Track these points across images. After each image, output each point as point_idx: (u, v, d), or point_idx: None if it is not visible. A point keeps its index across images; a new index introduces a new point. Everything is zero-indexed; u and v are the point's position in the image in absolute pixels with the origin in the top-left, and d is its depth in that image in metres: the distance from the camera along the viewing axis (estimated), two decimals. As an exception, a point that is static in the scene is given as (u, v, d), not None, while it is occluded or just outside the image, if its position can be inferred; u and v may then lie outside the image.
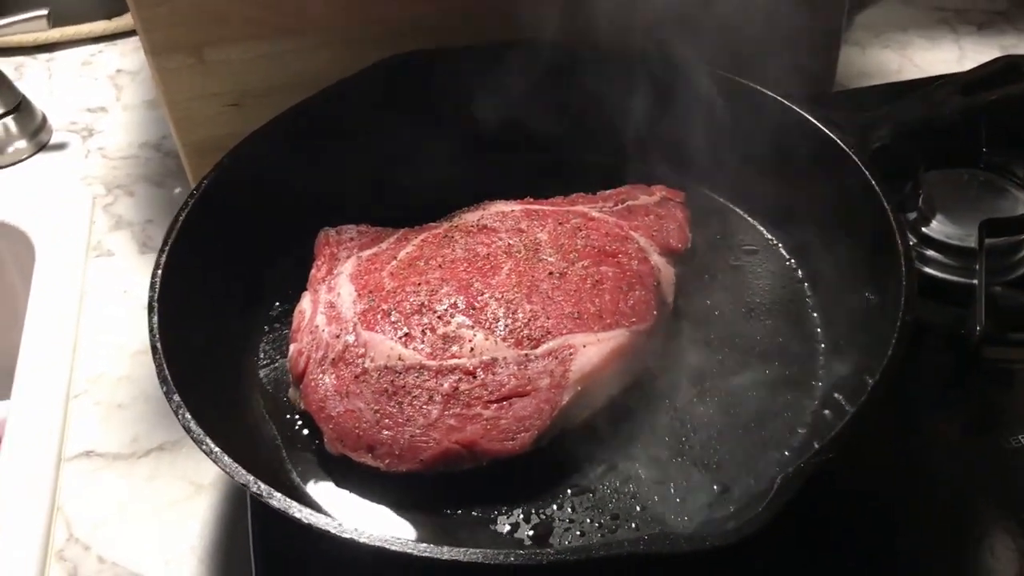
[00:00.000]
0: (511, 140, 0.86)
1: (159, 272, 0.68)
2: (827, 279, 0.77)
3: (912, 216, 0.84)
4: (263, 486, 0.55)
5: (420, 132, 0.85)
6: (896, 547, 0.66)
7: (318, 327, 0.70)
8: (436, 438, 0.63)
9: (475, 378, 0.65)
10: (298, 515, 0.53)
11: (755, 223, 0.85)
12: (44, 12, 1.02)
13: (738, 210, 0.86)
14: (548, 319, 0.68)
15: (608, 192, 0.83)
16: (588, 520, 0.63)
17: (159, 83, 0.84)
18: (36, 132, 1.09)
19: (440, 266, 0.73)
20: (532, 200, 0.82)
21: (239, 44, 0.83)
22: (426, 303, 0.70)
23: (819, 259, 0.78)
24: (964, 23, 1.22)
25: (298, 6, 0.83)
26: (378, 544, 0.52)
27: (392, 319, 0.69)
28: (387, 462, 0.63)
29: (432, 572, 0.55)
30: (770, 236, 0.83)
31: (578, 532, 0.62)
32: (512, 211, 0.79)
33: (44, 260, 0.93)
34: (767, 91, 0.81)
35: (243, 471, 0.56)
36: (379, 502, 0.64)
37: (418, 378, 0.66)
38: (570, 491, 0.64)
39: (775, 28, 0.83)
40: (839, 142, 0.76)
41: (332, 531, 0.52)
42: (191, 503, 0.72)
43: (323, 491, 0.66)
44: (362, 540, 0.51)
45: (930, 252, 0.83)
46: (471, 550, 0.51)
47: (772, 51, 0.81)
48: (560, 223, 0.77)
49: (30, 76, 1.21)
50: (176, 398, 0.59)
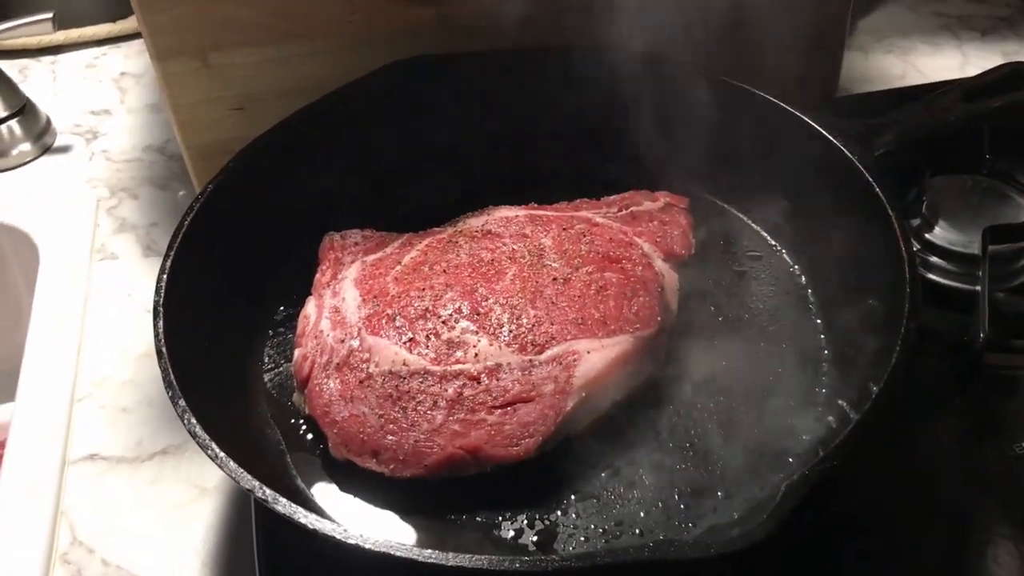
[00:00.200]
0: (515, 145, 0.87)
1: (164, 276, 0.68)
2: (831, 285, 0.77)
3: (916, 222, 0.84)
4: (268, 491, 0.55)
5: (425, 137, 0.85)
6: (899, 554, 0.66)
7: (323, 332, 0.70)
8: (440, 443, 0.63)
9: (479, 383, 0.65)
10: (303, 520, 0.53)
11: (759, 229, 0.85)
12: (49, 15, 1.02)
13: (742, 216, 0.86)
14: (552, 325, 0.68)
15: (612, 198, 0.83)
16: (592, 526, 0.63)
17: (164, 87, 0.84)
18: (40, 135, 1.09)
19: (444, 271, 0.73)
20: (536, 205, 0.82)
21: (244, 48, 0.83)
22: (430, 308, 0.70)
23: (823, 265, 0.78)
24: (967, 29, 1.22)
25: (303, 11, 0.83)
26: (383, 550, 0.52)
27: (397, 324, 0.69)
28: (391, 467, 0.63)
29: (436, 578, 0.55)
30: (774, 242, 0.83)
31: (582, 538, 0.62)
32: (516, 216, 0.79)
33: (48, 263, 0.93)
34: (770, 97, 0.81)
35: (248, 476, 0.56)
36: (383, 507, 0.64)
37: (422, 383, 0.66)
38: (574, 497, 0.64)
39: (779, 34, 0.84)
40: (843, 148, 0.76)
41: (337, 536, 0.52)
42: (195, 506, 0.72)
43: (327, 496, 0.66)
44: (367, 546, 0.52)
45: (933, 258, 0.83)
46: (476, 556, 0.51)
47: (776, 57, 0.81)
48: (564, 229, 0.77)
49: (34, 79, 1.21)
50: (181, 403, 0.60)
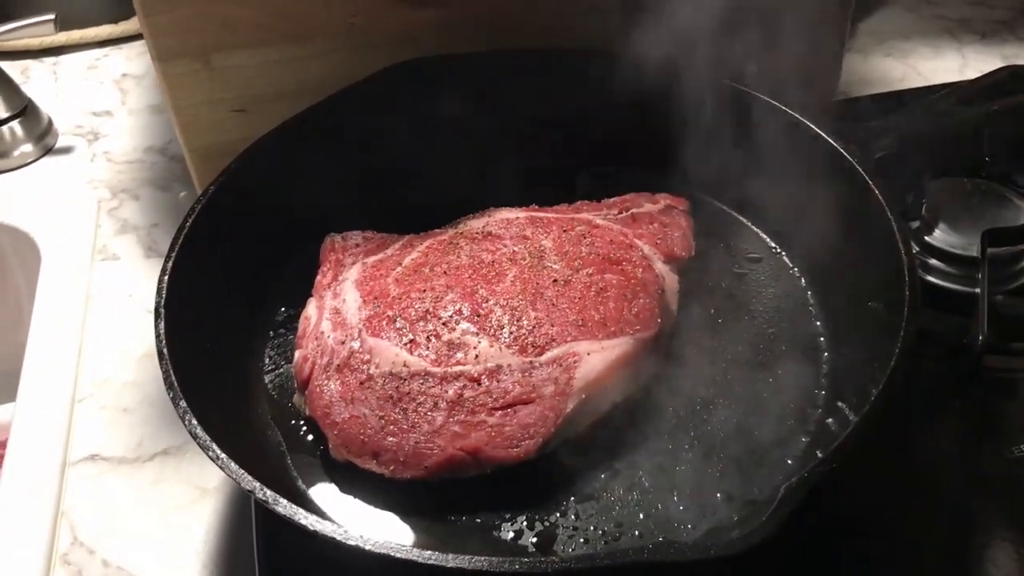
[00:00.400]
0: (516, 146, 0.87)
1: (165, 278, 0.68)
2: (830, 288, 0.77)
3: (915, 225, 0.84)
4: (269, 492, 0.55)
5: (426, 139, 0.85)
6: (898, 556, 0.66)
7: (323, 333, 0.71)
8: (441, 445, 0.63)
9: (480, 385, 0.66)
10: (304, 521, 0.53)
11: (759, 231, 0.85)
12: (51, 16, 1.02)
13: (742, 218, 0.86)
14: (552, 326, 0.69)
15: (612, 200, 0.83)
16: (592, 528, 0.63)
17: (165, 88, 0.84)
18: (42, 136, 1.09)
19: (445, 273, 0.73)
20: (537, 207, 0.82)
21: (246, 50, 0.83)
22: (431, 310, 0.70)
23: (822, 267, 0.78)
24: (967, 32, 1.22)
25: (305, 13, 0.83)
26: (383, 551, 0.52)
27: (397, 325, 0.69)
28: (392, 468, 0.64)
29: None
30: (774, 244, 0.84)
31: (582, 540, 0.62)
32: (517, 218, 0.79)
33: (49, 264, 0.93)
34: (770, 99, 0.81)
35: (249, 477, 0.56)
36: (383, 508, 0.65)
37: (423, 385, 0.66)
38: (574, 498, 0.65)
39: (778, 36, 0.84)
40: (842, 151, 0.76)
41: (338, 538, 0.52)
42: (196, 507, 0.72)
43: (327, 497, 0.66)
44: (367, 547, 0.52)
45: (932, 261, 0.83)
46: (476, 557, 0.51)
47: (775, 59, 0.81)
48: (565, 230, 0.77)
49: (36, 80, 1.21)
50: (182, 404, 0.60)
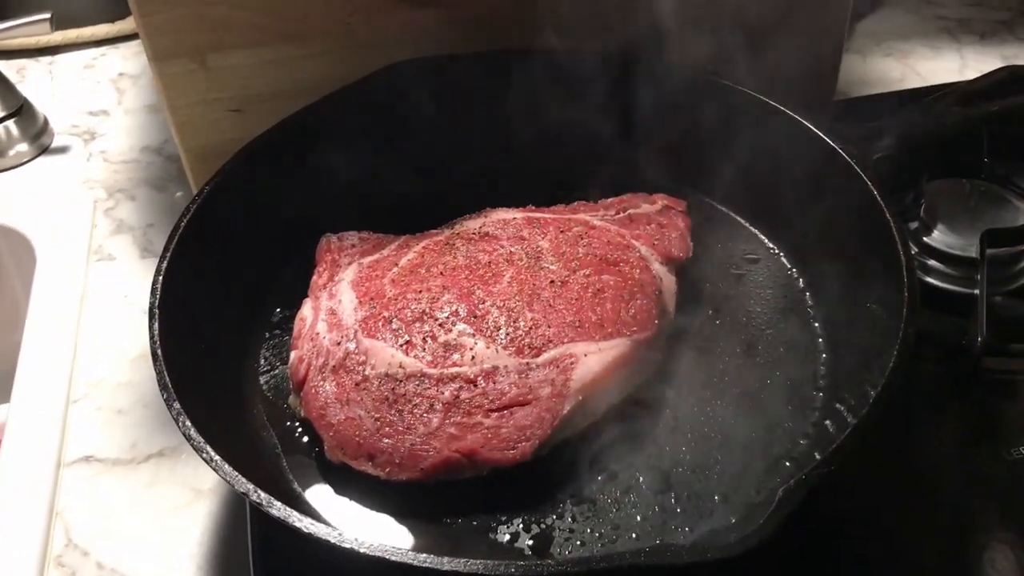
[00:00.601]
0: (513, 147, 0.86)
1: (160, 278, 0.67)
2: (829, 289, 0.77)
3: (914, 226, 0.84)
4: (263, 495, 0.55)
5: (422, 139, 0.85)
6: (896, 558, 0.66)
7: (319, 334, 0.70)
8: (436, 447, 0.63)
9: (476, 387, 0.65)
10: (298, 524, 0.53)
11: (757, 232, 0.85)
12: (47, 15, 1.02)
13: (740, 219, 0.86)
14: (549, 328, 0.68)
15: (610, 200, 0.83)
16: (588, 530, 0.63)
17: (161, 88, 0.84)
18: (38, 135, 1.09)
19: (441, 273, 0.73)
20: (534, 208, 0.81)
21: (242, 50, 0.83)
22: (427, 310, 0.70)
23: (821, 269, 0.78)
24: (966, 32, 1.22)
25: (301, 13, 0.82)
26: (378, 554, 0.51)
27: (393, 326, 0.69)
28: (387, 470, 0.63)
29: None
30: (772, 245, 0.83)
31: (578, 542, 0.62)
32: (514, 219, 0.79)
33: (45, 264, 0.93)
34: (769, 100, 0.81)
35: (243, 480, 0.56)
36: (379, 510, 0.64)
37: (419, 386, 0.66)
38: (570, 501, 0.64)
39: (777, 36, 0.84)
40: (841, 152, 0.76)
41: (332, 540, 0.52)
42: (190, 509, 0.72)
43: (323, 499, 0.65)
44: (363, 550, 0.51)
45: (931, 262, 0.83)
46: (472, 560, 0.51)
47: (774, 59, 0.81)
48: (562, 231, 0.77)
49: (32, 79, 1.21)
50: (176, 405, 0.59)
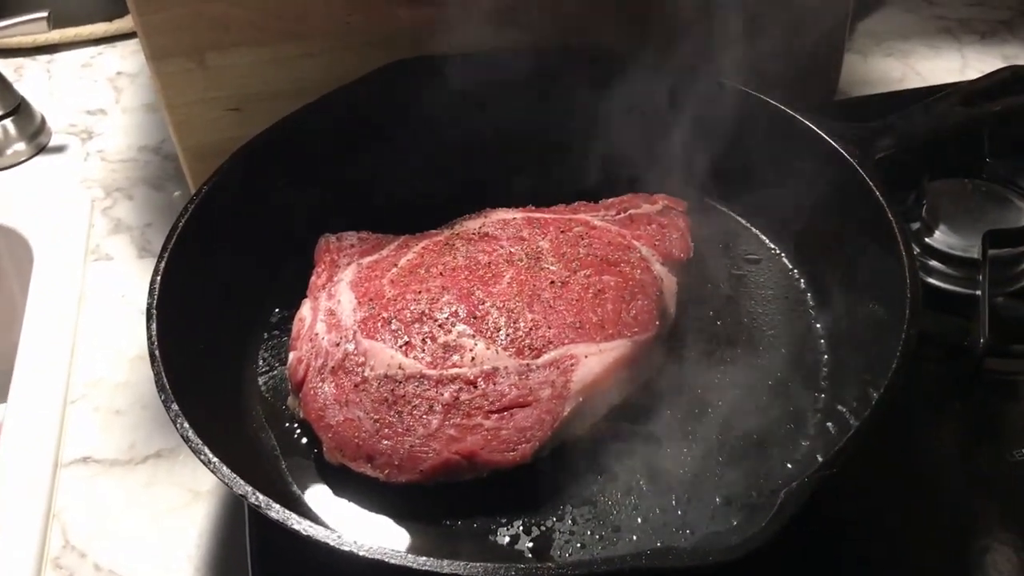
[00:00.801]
0: (513, 146, 0.86)
1: (158, 279, 0.67)
2: (830, 290, 0.76)
3: (915, 226, 0.84)
4: (262, 497, 0.54)
5: (421, 138, 0.85)
6: (899, 560, 0.65)
7: (318, 335, 0.70)
8: (436, 448, 0.63)
9: (476, 388, 0.65)
10: (297, 527, 0.53)
11: (758, 232, 0.84)
12: (44, 14, 1.01)
13: (741, 219, 0.86)
14: (550, 329, 0.68)
15: (610, 200, 0.83)
16: (589, 532, 0.62)
17: (159, 87, 0.84)
18: (35, 134, 1.09)
19: (441, 274, 0.73)
20: (534, 208, 0.81)
21: (240, 49, 0.82)
22: (427, 311, 0.69)
23: (822, 269, 0.78)
24: (967, 32, 1.22)
25: (300, 11, 0.82)
26: (378, 557, 0.51)
27: (392, 327, 0.69)
28: (386, 472, 0.63)
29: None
30: (773, 246, 0.83)
31: (578, 544, 0.62)
32: (514, 219, 0.79)
33: (42, 263, 0.92)
34: (769, 99, 0.81)
35: (242, 482, 0.55)
36: (378, 512, 0.64)
37: (418, 387, 0.65)
38: (571, 503, 0.64)
39: (778, 36, 0.83)
40: (843, 152, 0.75)
41: (331, 543, 0.52)
42: (188, 510, 0.72)
43: (321, 501, 0.65)
44: (361, 553, 0.51)
45: (933, 262, 0.82)
46: (471, 564, 0.50)
47: (774, 59, 0.81)
48: (562, 231, 0.77)
49: (29, 78, 1.20)
50: (174, 407, 0.59)
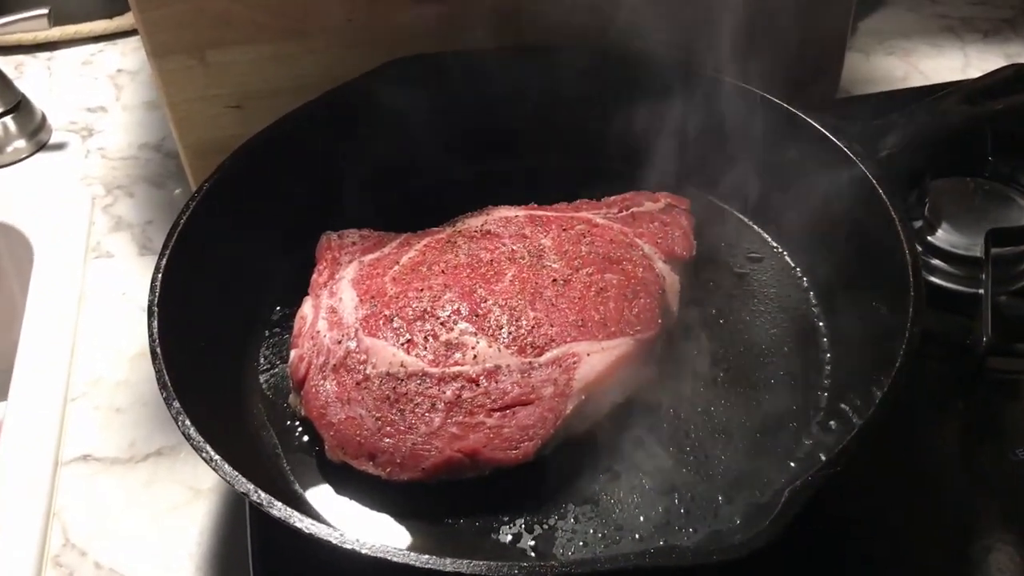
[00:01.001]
0: (515, 144, 0.86)
1: (159, 276, 0.67)
2: (833, 288, 0.76)
3: (918, 225, 0.84)
4: (263, 495, 0.54)
5: (423, 136, 0.84)
6: (902, 559, 0.65)
7: (319, 332, 0.70)
8: (438, 446, 0.63)
9: (478, 386, 0.65)
10: (299, 525, 0.53)
11: (760, 231, 0.84)
12: (45, 11, 1.01)
13: (743, 217, 0.85)
14: (552, 327, 0.68)
15: (613, 198, 0.82)
16: (591, 531, 0.62)
17: (160, 84, 0.83)
18: (35, 132, 1.08)
19: (443, 272, 0.72)
20: (536, 206, 0.81)
21: (242, 46, 0.82)
22: (429, 309, 0.69)
23: (825, 267, 0.78)
24: (970, 31, 1.21)
25: (302, 9, 0.82)
26: (380, 555, 0.51)
27: (394, 325, 0.68)
28: (388, 470, 0.63)
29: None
30: (775, 244, 0.83)
31: (581, 543, 0.62)
32: (516, 216, 0.78)
33: (43, 261, 0.92)
34: (772, 97, 0.81)
35: (243, 480, 0.55)
36: (380, 510, 0.64)
37: (420, 385, 0.65)
38: (573, 501, 0.64)
39: (781, 34, 0.83)
40: (846, 150, 0.75)
41: (334, 541, 0.52)
42: (189, 508, 0.71)
43: (323, 499, 0.65)
44: (364, 551, 0.51)
45: (935, 261, 0.82)
46: (474, 562, 0.50)
47: (777, 57, 0.80)
48: (564, 229, 0.76)
49: (30, 75, 1.20)
50: (176, 404, 0.59)
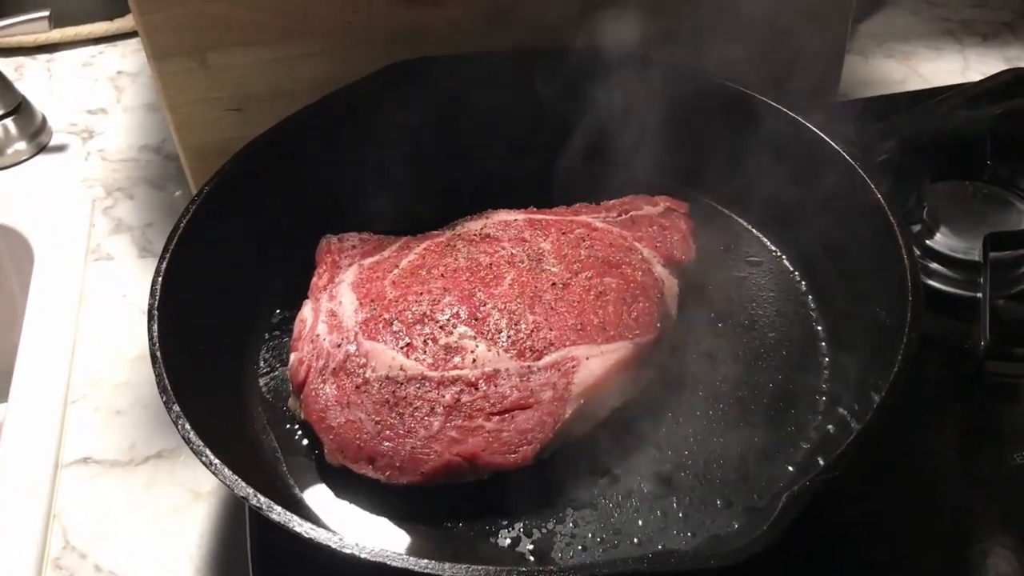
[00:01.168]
0: (515, 148, 0.86)
1: (160, 279, 0.67)
2: (832, 292, 0.76)
3: (916, 228, 0.84)
4: (263, 499, 0.54)
5: (423, 139, 0.85)
6: (899, 563, 0.65)
7: (319, 336, 0.70)
8: (437, 450, 0.63)
9: (477, 390, 0.65)
10: (299, 529, 0.53)
11: (759, 234, 0.84)
12: (45, 13, 1.01)
13: (742, 221, 0.85)
14: (551, 330, 0.68)
15: (612, 202, 0.83)
16: (590, 535, 0.62)
17: (160, 87, 0.83)
18: (36, 134, 1.08)
19: (442, 275, 0.73)
20: (535, 209, 0.81)
21: (242, 48, 0.82)
22: (428, 313, 0.69)
23: (824, 271, 0.78)
24: (969, 34, 1.21)
25: (303, 11, 0.82)
26: (379, 559, 0.51)
27: (394, 329, 0.69)
28: (388, 474, 0.63)
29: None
30: (774, 248, 0.83)
31: (580, 547, 0.62)
32: (515, 220, 0.79)
33: (43, 263, 0.92)
34: (770, 100, 0.81)
35: (243, 483, 0.55)
36: (379, 514, 0.64)
37: (420, 389, 0.65)
38: (572, 505, 0.64)
39: (779, 38, 0.83)
40: (844, 154, 0.75)
41: (333, 546, 0.52)
42: (189, 511, 0.71)
43: (322, 502, 0.65)
44: (363, 556, 0.51)
45: (934, 265, 0.82)
46: (473, 567, 0.50)
47: (776, 60, 0.81)
48: (563, 233, 0.76)
49: (30, 77, 1.20)
50: (176, 408, 0.59)
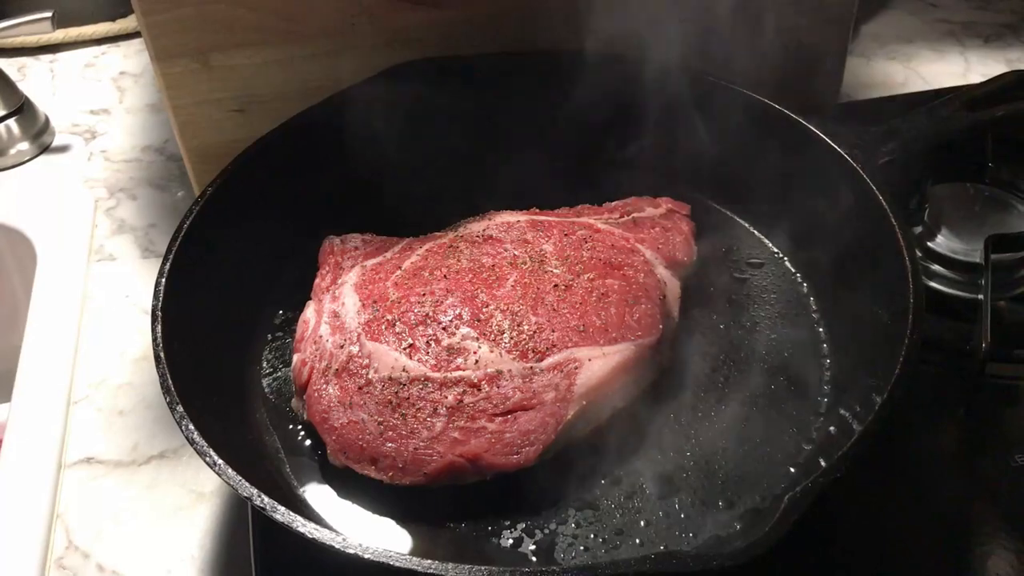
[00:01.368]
0: (517, 149, 0.86)
1: (163, 280, 0.67)
2: (833, 294, 0.77)
3: (917, 230, 0.84)
4: (267, 499, 0.54)
5: (426, 141, 0.85)
6: (901, 564, 0.66)
7: (322, 337, 0.70)
8: (440, 451, 0.63)
9: (480, 391, 0.65)
10: (302, 529, 0.53)
11: (761, 236, 0.84)
12: (48, 14, 1.01)
13: (744, 223, 0.86)
14: (553, 332, 0.68)
15: (614, 204, 0.83)
16: (592, 535, 0.62)
17: (163, 88, 0.84)
18: (38, 134, 1.08)
19: (445, 276, 0.73)
20: (538, 211, 0.81)
21: (245, 50, 0.82)
22: (431, 314, 0.69)
23: (825, 273, 0.78)
24: (971, 36, 1.22)
25: (305, 13, 0.82)
26: (382, 560, 0.51)
27: (396, 330, 0.69)
28: (390, 475, 0.63)
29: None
30: (776, 249, 0.83)
31: (582, 548, 0.62)
32: (518, 221, 0.79)
33: (45, 263, 0.92)
34: (773, 102, 0.81)
35: (246, 484, 0.55)
36: (382, 514, 0.64)
37: (422, 390, 0.65)
38: (574, 506, 0.64)
39: (782, 39, 0.83)
40: (846, 156, 0.75)
41: (336, 546, 0.52)
42: (192, 511, 0.72)
43: (325, 502, 0.65)
44: (366, 556, 0.51)
45: (935, 267, 0.82)
46: (476, 567, 0.51)
47: (778, 62, 0.81)
48: (566, 234, 0.77)
49: (33, 77, 1.21)
50: (179, 409, 0.59)
